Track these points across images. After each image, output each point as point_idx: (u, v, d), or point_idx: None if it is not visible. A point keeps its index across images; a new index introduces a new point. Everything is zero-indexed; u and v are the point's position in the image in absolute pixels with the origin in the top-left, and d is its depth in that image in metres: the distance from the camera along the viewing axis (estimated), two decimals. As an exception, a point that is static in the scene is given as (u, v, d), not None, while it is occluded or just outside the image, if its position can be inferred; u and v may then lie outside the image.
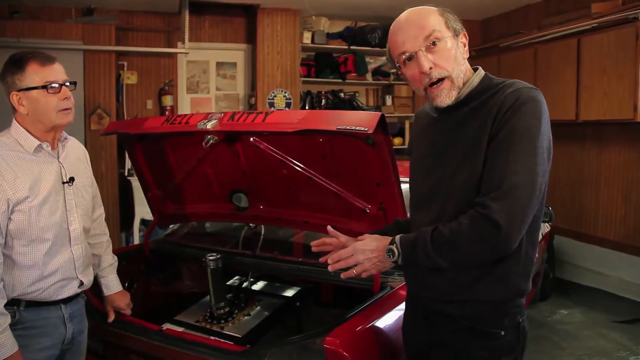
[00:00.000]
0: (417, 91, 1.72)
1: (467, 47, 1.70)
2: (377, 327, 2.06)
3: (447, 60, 1.62)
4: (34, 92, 1.96)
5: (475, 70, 1.72)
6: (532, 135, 1.52)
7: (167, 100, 6.30)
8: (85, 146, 5.50)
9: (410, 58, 1.63)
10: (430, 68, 1.60)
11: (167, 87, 6.34)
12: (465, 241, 1.52)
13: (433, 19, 1.62)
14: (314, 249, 1.89)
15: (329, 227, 1.86)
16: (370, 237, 1.72)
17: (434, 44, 1.60)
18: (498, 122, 1.54)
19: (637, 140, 5.03)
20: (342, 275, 1.73)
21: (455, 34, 1.65)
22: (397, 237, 1.65)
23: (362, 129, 1.93)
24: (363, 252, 1.67)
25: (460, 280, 1.64)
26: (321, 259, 1.82)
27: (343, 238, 1.84)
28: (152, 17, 6.36)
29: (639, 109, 4.55)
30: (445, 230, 1.55)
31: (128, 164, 5.77)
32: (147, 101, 6.33)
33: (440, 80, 1.62)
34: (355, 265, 1.69)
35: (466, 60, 1.69)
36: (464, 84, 1.67)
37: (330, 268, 1.71)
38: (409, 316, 1.91)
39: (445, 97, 1.64)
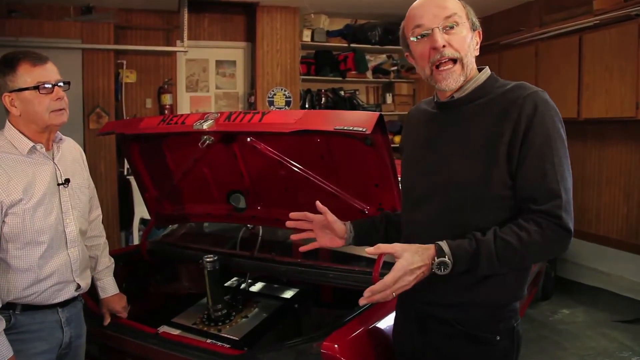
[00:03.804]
0: (422, 71, 1.68)
1: (478, 45, 1.68)
2: (375, 331, 2.04)
3: (462, 44, 1.60)
4: (26, 93, 1.93)
5: (480, 71, 1.70)
6: (562, 137, 1.57)
7: (167, 99, 6.27)
8: (84, 145, 5.49)
9: (424, 35, 1.61)
10: (444, 46, 1.58)
11: (166, 86, 6.31)
12: (538, 250, 1.53)
13: (455, 4, 1.62)
14: (288, 224, 1.86)
15: (317, 203, 1.82)
16: (408, 252, 1.53)
17: (451, 27, 1.59)
18: (526, 127, 1.53)
19: (639, 138, 5.00)
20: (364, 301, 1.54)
21: (473, 28, 1.64)
22: (445, 246, 1.53)
23: (360, 129, 1.90)
24: (412, 272, 1.51)
25: (459, 282, 1.60)
26: (293, 237, 1.85)
27: (331, 217, 1.82)
28: (151, 16, 6.33)
29: (641, 107, 4.51)
30: (511, 239, 1.50)
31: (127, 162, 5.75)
32: (147, 100, 6.30)
33: (452, 61, 1.60)
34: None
35: (474, 58, 1.68)
36: (470, 80, 1.65)
37: (365, 302, 1.54)
38: (400, 322, 1.88)
39: (453, 81, 1.62)
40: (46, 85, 1.95)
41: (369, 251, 1.57)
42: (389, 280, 1.50)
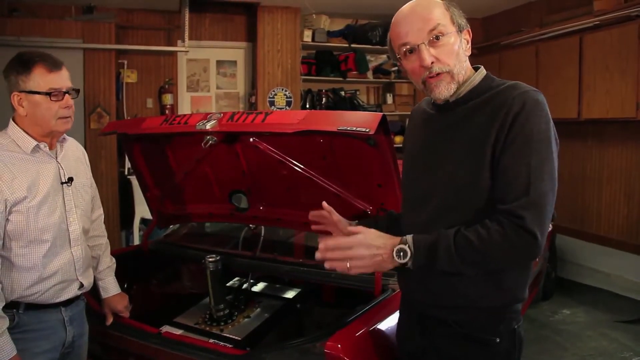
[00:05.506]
0: (416, 84, 1.67)
1: (469, 44, 1.66)
2: (379, 331, 2.04)
3: (449, 55, 1.58)
4: (37, 96, 1.94)
5: (476, 69, 1.69)
6: (548, 139, 1.51)
7: (167, 99, 6.28)
8: (85, 145, 5.49)
9: (411, 50, 1.60)
10: (432, 62, 1.57)
11: (167, 86, 6.32)
12: (497, 250, 1.48)
13: (438, 13, 1.59)
14: (311, 217, 1.88)
15: (324, 203, 1.83)
16: (374, 232, 1.58)
17: (437, 38, 1.56)
18: (510, 126, 1.50)
19: (639, 139, 5.00)
20: (328, 267, 1.58)
21: (459, 30, 1.62)
22: (409, 237, 1.55)
23: (363, 129, 1.90)
24: (369, 247, 1.54)
25: (454, 285, 1.60)
26: (313, 227, 1.86)
27: (336, 217, 1.83)
28: (152, 15, 6.33)
29: (642, 107, 4.52)
30: (471, 236, 1.48)
31: (128, 162, 5.74)
32: (147, 100, 6.31)
33: (439, 73, 1.59)
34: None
35: (467, 58, 1.66)
36: (464, 82, 1.64)
37: (319, 256, 1.57)
38: (404, 321, 1.88)
39: (444, 89, 1.60)
40: (57, 93, 1.95)
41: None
42: (342, 242, 1.55)
